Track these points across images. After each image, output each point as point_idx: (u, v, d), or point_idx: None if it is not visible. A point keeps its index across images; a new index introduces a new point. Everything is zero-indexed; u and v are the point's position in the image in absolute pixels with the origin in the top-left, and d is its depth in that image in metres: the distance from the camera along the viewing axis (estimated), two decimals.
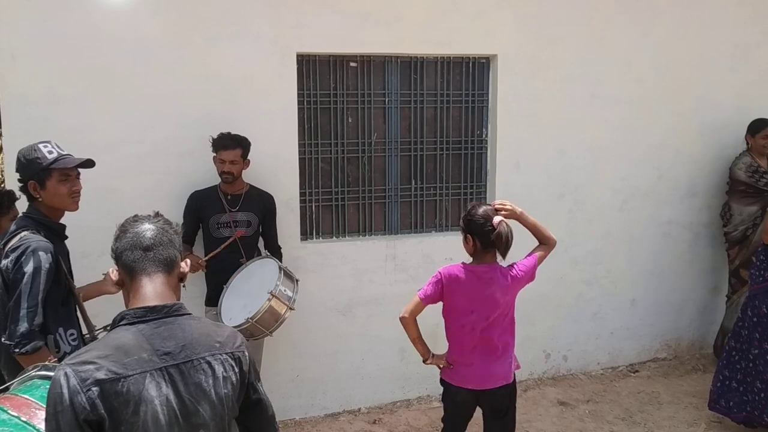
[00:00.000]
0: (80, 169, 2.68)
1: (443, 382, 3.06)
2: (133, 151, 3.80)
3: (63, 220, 2.72)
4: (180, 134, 3.86)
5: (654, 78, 4.87)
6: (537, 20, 4.53)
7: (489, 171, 4.68)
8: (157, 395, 1.53)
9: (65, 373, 1.49)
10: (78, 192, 2.66)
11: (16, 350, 2.38)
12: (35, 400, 1.74)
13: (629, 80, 4.80)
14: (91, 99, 3.71)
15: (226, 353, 1.66)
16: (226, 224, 3.78)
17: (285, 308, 3.46)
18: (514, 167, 4.63)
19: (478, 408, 3.06)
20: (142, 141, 3.81)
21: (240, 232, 3.70)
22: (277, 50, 4.02)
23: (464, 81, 4.57)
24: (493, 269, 2.87)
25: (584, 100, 4.72)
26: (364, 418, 4.37)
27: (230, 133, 3.72)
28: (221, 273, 3.70)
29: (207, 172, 3.84)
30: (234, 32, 3.92)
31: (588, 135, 4.76)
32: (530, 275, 2.95)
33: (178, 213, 3.76)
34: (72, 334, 2.63)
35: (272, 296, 3.38)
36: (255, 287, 3.52)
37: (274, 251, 3.88)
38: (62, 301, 2.61)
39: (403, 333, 3.00)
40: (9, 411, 1.70)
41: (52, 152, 2.57)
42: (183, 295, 1.79)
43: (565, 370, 5.02)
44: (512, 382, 2.99)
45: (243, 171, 3.79)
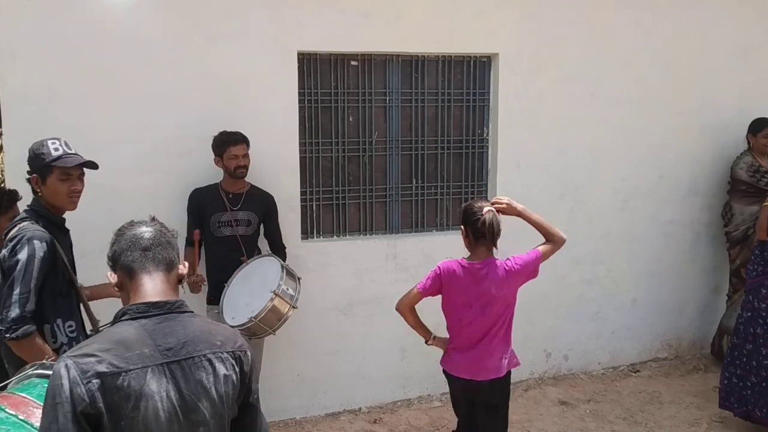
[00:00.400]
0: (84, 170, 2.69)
1: (444, 371, 3.12)
2: (133, 150, 3.80)
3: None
4: (180, 133, 3.86)
5: (655, 78, 4.87)
6: (538, 20, 4.53)
7: (490, 170, 4.68)
8: (158, 391, 1.52)
9: (66, 365, 1.47)
10: (77, 192, 2.66)
11: (7, 335, 2.38)
12: (33, 399, 1.74)
13: (630, 80, 4.80)
14: (91, 98, 3.71)
15: (227, 352, 1.65)
16: (227, 223, 3.77)
17: (288, 307, 3.46)
18: (515, 166, 4.62)
19: None
20: (142, 140, 3.81)
21: (196, 234, 3.66)
22: (278, 49, 4.02)
23: (465, 80, 4.56)
24: (488, 264, 2.90)
25: (585, 100, 4.72)
26: (365, 418, 4.37)
27: (232, 131, 3.74)
28: (222, 272, 3.69)
29: (207, 171, 3.84)
30: (234, 31, 3.91)
31: (589, 135, 4.76)
32: (529, 269, 2.94)
33: (178, 212, 3.76)
34: (71, 326, 2.63)
35: (275, 295, 3.37)
36: (257, 286, 3.51)
37: (279, 251, 3.88)
38: (62, 293, 2.61)
39: (403, 333, 3.02)
40: (6, 409, 1.70)
41: (58, 149, 2.59)
42: (183, 295, 1.78)
43: (566, 370, 5.01)
44: (504, 377, 3.00)
45: None
